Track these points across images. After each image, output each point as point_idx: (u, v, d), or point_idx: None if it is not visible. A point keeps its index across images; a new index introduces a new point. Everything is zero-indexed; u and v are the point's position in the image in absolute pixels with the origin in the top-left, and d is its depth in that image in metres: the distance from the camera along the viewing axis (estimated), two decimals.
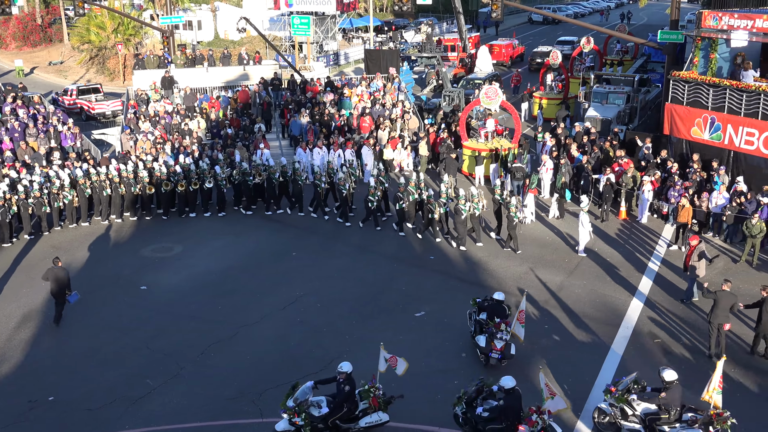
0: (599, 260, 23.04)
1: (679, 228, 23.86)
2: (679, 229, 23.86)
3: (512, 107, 31.85)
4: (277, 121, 35.65)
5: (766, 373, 16.99)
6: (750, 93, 25.53)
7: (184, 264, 23.47)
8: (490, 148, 30.08)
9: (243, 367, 17.50)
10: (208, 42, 61.29)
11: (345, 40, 67.67)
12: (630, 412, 14.49)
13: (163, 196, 27.10)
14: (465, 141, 30.85)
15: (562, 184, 26.48)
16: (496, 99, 29.91)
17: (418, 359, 17.55)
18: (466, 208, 23.37)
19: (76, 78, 54.56)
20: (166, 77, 37.00)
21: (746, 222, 22.35)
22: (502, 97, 30.18)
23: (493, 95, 29.88)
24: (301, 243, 24.84)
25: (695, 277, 20.13)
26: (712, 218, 24.32)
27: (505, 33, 70.86)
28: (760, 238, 22.24)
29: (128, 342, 18.73)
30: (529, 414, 13.71)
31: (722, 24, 26.75)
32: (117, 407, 16.05)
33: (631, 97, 34.95)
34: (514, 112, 31.67)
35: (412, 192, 24.60)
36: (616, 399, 14.52)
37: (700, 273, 20.12)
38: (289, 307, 20.37)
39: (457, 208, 23.33)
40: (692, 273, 20.18)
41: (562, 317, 19.48)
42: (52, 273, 19.54)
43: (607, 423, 14.83)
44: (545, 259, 23.15)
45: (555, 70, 40.48)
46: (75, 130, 32.70)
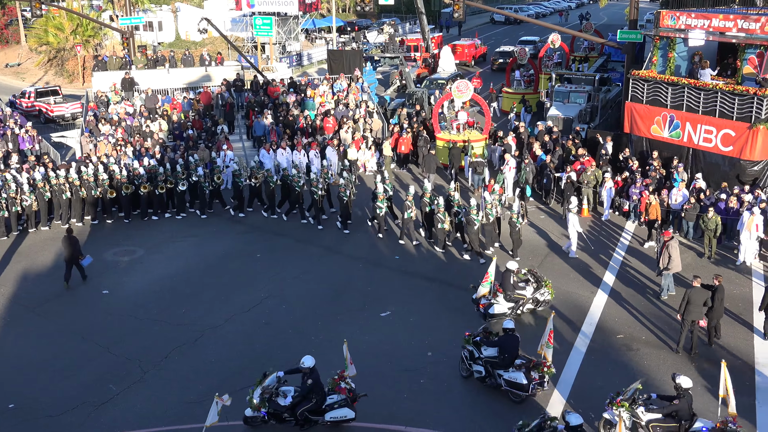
0: (563, 257, 23.24)
1: (650, 225, 24.00)
2: (650, 226, 24.01)
3: (483, 100, 32.44)
4: (241, 123, 35.44)
5: None
6: (707, 91, 25.97)
7: (147, 267, 23.21)
8: (462, 139, 30.83)
9: (207, 370, 17.36)
10: (169, 43, 60.69)
11: (308, 40, 67.47)
12: (477, 354, 15.14)
13: (125, 199, 26.74)
14: (438, 133, 31.68)
15: (524, 181, 26.70)
16: (467, 92, 31.06)
17: (383, 359, 17.59)
18: (479, 218, 22.68)
19: (34, 80, 53.69)
20: (127, 79, 36.57)
21: (703, 216, 22.76)
22: (473, 91, 31.29)
23: (465, 89, 31.10)
24: (265, 245, 24.71)
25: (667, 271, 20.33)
26: (672, 215, 24.68)
27: (467, 33, 71.22)
28: (717, 232, 22.63)
29: (90, 347, 18.46)
30: None
31: (680, 23, 27.18)
32: (79, 413, 15.82)
33: (592, 96, 35.38)
34: (484, 105, 32.11)
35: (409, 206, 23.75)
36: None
37: (675, 267, 20.26)
38: (253, 309, 20.25)
39: (469, 219, 22.69)
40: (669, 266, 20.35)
41: (526, 314, 19.58)
42: (66, 241, 21.60)
43: None
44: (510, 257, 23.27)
45: (523, 65, 41.51)
46: (33, 132, 32.17)
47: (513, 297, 19.09)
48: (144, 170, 27.12)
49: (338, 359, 17.50)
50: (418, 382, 16.64)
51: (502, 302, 19.03)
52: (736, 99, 25.14)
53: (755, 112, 24.66)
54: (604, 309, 20.00)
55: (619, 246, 24.08)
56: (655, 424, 14.22)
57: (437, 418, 15.46)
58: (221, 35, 44.32)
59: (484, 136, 31.20)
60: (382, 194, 24.56)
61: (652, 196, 23.86)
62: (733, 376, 16.68)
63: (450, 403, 15.97)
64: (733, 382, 14.64)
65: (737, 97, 25.14)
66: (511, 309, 19.10)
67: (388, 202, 24.95)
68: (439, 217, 23.05)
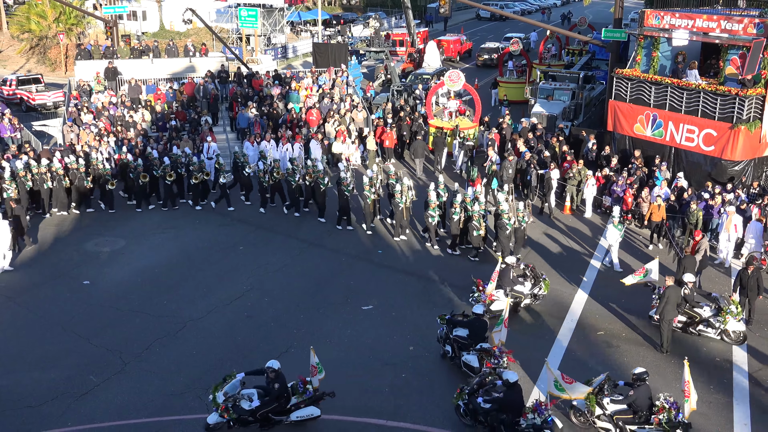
0: (545, 254, 23.36)
1: (654, 227, 23.96)
2: (654, 228, 23.98)
3: (473, 90, 32.83)
4: (224, 114, 35.29)
5: None
6: (690, 91, 26.18)
7: (129, 258, 23.09)
8: (453, 126, 31.67)
9: (188, 362, 17.31)
10: (153, 33, 60.22)
11: (293, 33, 67.24)
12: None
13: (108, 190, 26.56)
14: (431, 119, 32.53)
15: (492, 172, 27.10)
16: (458, 81, 31.96)
17: (365, 352, 17.62)
18: (511, 223, 22.27)
19: (16, 68, 53.10)
20: (110, 68, 36.28)
21: (687, 210, 23.02)
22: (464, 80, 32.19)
23: (456, 78, 32.02)
24: (248, 237, 24.65)
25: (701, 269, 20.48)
26: None
27: (453, 29, 71.25)
28: (698, 225, 22.84)
29: (71, 338, 18.35)
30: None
31: (664, 23, 27.36)
32: (59, 404, 15.72)
33: (576, 93, 35.57)
34: (475, 94, 32.49)
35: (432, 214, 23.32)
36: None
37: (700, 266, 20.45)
38: (235, 302, 20.21)
39: (501, 223, 22.28)
40: (699, 266, 20.47)
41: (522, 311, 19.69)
42: None
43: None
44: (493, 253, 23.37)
45: (516, 56, 43.24)
46: (14, 121, 31.86)
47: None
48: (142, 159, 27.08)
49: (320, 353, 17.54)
50: (400, 376, 16.69)
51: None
52: (719, 99, 25.36)
53: (737, 112, 24.89)
54: (585, 306, 20.14)
55: (600, 243, 24.23)
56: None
57: (418, 413, 15.51)
58: (206, 26, 44.08)
59: (475, 124, 31.98)
60: (435, 202, 23.35)
61: (659, 198, 23.79)
62: (710, 374, 16.94)
63: (431, 397, 16.02)
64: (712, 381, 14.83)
65: (719, 97, 25.35)
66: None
67: (440, 210, 23.65)
68: (475, 224, 22.52)
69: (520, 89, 40.34)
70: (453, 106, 32.39)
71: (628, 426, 14.34)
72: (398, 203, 23.87)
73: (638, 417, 14.29)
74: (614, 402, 14.60)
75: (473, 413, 14.64)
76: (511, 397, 14.11)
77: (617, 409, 14.52)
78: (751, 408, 15.81)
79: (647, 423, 14.28)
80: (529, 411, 14.02)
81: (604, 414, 14.59)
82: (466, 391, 14.86)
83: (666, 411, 14.15)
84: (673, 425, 14.03)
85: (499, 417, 14.08)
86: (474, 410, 14.56)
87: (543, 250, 23.61)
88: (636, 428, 14.31)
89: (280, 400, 14.62)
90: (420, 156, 30.42)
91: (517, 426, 13.96)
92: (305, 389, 14.90)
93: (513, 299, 19.14)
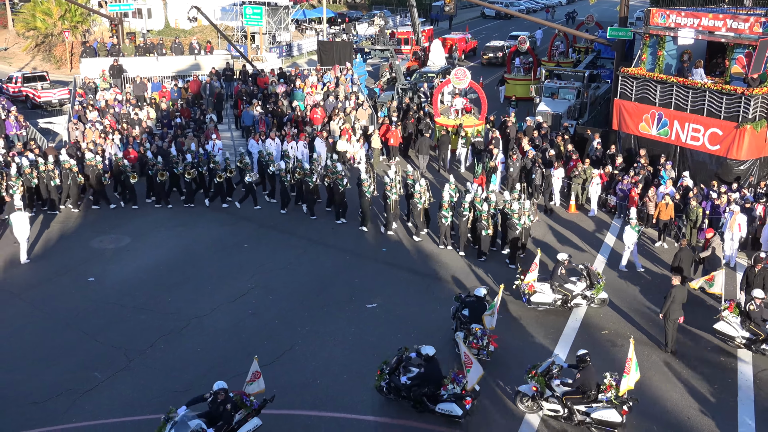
0: (549, 253, 23.30)
1: (662, 226, 23.90)
2: (662, 227, 23.93)
3: (479, 88, 32.83)
4: (229, 112, 35.31)
5: None
6: (696, 90, 26.12)
7: (133, 255, 23.13)
8: (458, 123, 31.72)
9: (193, 359, 17.34)
10: (158, 31, 60.31)
11: (298, 31, 67.26)
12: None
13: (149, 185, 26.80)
14: (437, 117, 32.51)
15: (490, 168, 27.24)
16: (465, 79, 31.92)
17: (369, 351, 17.62)
18: (521, 223, 22.23)
19: (22, 65, 53.24)
20: (115, 66, 36.34)
21: (687, 207, 23.10)
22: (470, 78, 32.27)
23: (462, 76, 31.94)
24: (253, 235, 24.66)
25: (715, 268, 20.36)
26: None
27: (458, 27, 71.17)
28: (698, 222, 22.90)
29: (75, 334, 18.40)
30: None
31: (670, 22, 27.30)
32: (64, 400, 15.77)
33: (581, 92, 35.53)
34: (481, 92, 32.48)
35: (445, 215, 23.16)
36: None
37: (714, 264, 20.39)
38: (240, 299, 20.23)
39: (511, 223, 22.22)
40: (712, 265, 20.43)
41: (512, 308, 19.68)
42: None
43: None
44: (497, 252, 23.33)
45: (523, 54, 43.51)
46: (20, 118, 31.93)
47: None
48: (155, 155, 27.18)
49: (324, 351, 17.60)
50: None
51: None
52: (724, 98, 25.30)
53: (742, 111, 24.83)
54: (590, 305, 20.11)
55: (604, 243, 24.20)
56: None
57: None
58: (211, 24, 44.06)
59: (481, 122, 32.02)
60: (447, 202, 23.09)
61: (668, 196, 23.72)
62: (714, 374, 16.90)
63: None
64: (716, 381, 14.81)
65: (725, 96, 25.29)
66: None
67: (453, 210, 23.38)
68: (484, 224, 22.41)
69: (527, 86, 40.79)
70: (459, 104, 32.41)
71: (576, 406, 14.75)
72: (417, 203, 23.80)
73: (586, 397, 14.69)
74: (563, 384, 15.05)
75: (396, 390, 15.27)
76: (430, 370, 14.98)
77: (566, 390, 14.94)
78: (755, 408, 15.78)
79: (595, 402, 14.64)
80: (448, 382, 14.91)
81: (554, 395, 14.97)
82: (386, 371, 15.42)
83: (613, 388, 14.66)
84: (621, 401, 14.51)
85: (421, 391, 14.97)
86: (396, 388, 15.21)
87: (547, 249, 23.56)
88: (584, 408, 14.70)
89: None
90: (424, 153, 30.53)
91: (439, 397, 14.88)
92: (250, 401, 14.49)
93: (562, 296, 19.30)
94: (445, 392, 14.89)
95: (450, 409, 14.85)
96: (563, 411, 14.92)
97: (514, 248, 22.33)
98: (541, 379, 15.14)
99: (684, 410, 15.65)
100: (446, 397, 14.86)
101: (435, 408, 14.99)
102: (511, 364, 17.03)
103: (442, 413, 14.96)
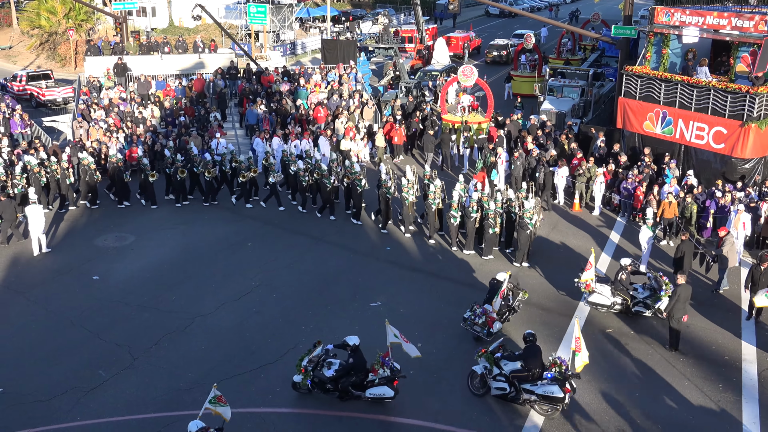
0: (553, 251, 23.32)
1: (666, 224, 23.87)
2: (666, 225, 23.89)
3: (486, 85, 32.86)
4: (234, 111, 35.33)
5: None
6: (700, 88, 26.06)
7: (138, 254, 23.16)
8: (465, 120, 31.82)
9: (197, 357, 17.36)
10: (163, 29, 60.36)
11: (302, 29, 67.23)
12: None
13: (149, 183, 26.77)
14: (444, 114, 32.62)
15: (491, 162, 27.34)
16: (472, 76, 31.94)
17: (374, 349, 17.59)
18: (532, 223, 22.06)
19: (26, 64, 53.34)
20: (119, 64, 36.38)
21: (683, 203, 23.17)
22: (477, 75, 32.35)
23: (470, 73, 32.01)
24: (256, 233, 24.69)
25: (725, 267, 20.45)
26: None
27: (462, 25, 71.13)
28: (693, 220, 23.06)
29: (80, 333, 18.43)
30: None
31: (674, 20, 27.25)
32: (68, 398, 15.81)
33: (585, 90, 35.49)
34: (487, 89, 32.49)
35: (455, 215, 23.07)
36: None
37: (732, 263, 20.43)
38: (244, 298, 20.25)
39: (523, 222, 22.00)
40: (723, 263, 20.45)
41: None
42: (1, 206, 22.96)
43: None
44: (501, 250, 23.31)
45: (529, 51, 44.03)
46: (25, 116, 31.99)
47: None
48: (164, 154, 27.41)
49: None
50: (408, 373, 16.67)
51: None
52: (729, 97, 25.25)
53: (747, 110, 24.78)
54: None
55: (609, 241, 24.18)
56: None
57: (426, 410, 15.52)
58: (215, 22, 44.09)
59: (487, 119, 32.11)
60: (457, 202, 23.04)
61: (671, 195, 23.69)
62: (719, 373, 16.88)
63: (439, 394, 16.04)
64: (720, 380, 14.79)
65: (730, 94, 25.24)
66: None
67: (462, 210, 23.18)
68: (491, 222, 22.40)
69: (533, 83, 40.81)
70: (466, 101, 32.42)
71: (522, 384, 15.18)
72: (431, 204, 23.76)
73: (531, 375, 15.14)
74: (510, 361, 15.56)
75: (320, 385, 15.46)
76: (357, 359, 15.26)
77: (513, 368, 15.41)
78: (760, 407, 15.76)
79: (540, 379, 15.07)
80: (378, 367, 15.28)
81: (501, 373, 15.41)
82: (309, 369, 15.55)
83: (557, 366, 15.11)
84: (564, 377, 14.94)
85: (350, 381, 15.28)
86: (321, 382, 15.41)
87: (551, 247, 23.57)
88: (529, 386, 15.10)
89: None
90: (430, 151, 30.59)
91: (370, 383, 15.25)
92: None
93: (622, 300, 19.10)
94: (376, 377, 15.23)
95: (382, 392, 15.24)
96: (509, 389, 15.32)
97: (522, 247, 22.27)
98: (490, 357, 15.63)
99: (688, 409, 15.63)
100: (377, 382, 15.20)
101: (364, 394, 15.29)
102: None
103: (373, 398, 15.29)
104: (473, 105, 33.11)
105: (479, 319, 17.72)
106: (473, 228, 23.00)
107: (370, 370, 15.38)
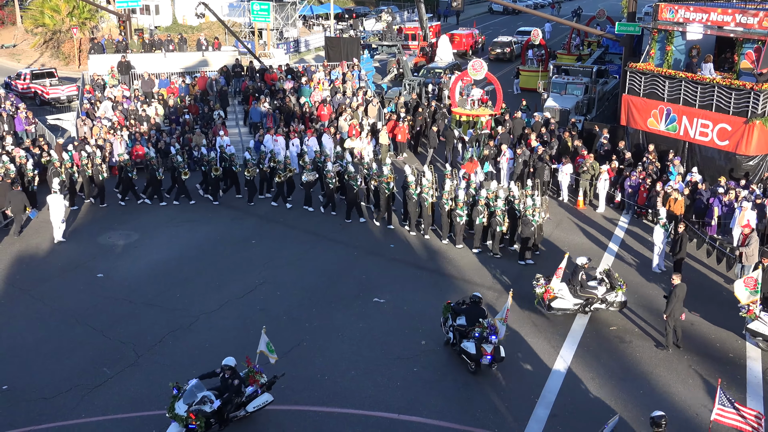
0: (557, 249, 23.29)
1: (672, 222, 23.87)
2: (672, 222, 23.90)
3: (495, 79, 32.81)
4: (237, 109, 35.35)
5: None
6: (705, 85, 26.01)
7: (142, 251, 23.20)
8: (475, 113, 31.68)
9: (201, 355, 17.37)
10: (166, 27, 60.38)
11: (305, 27, 67.21)
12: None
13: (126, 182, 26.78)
14: (455, 107, 32.62)
15: (484, 156, 27.39)
16: (481, 71, 32.08)
17: (377, 346, 17.65)
18: (536, 218, 22.09)
19: (30, 62, 53.38)
20: (123, 62, 36.41)
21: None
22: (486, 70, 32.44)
23: (479, 67, 32.16)
24: (260, 231, 24.71)
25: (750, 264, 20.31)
26: None
27: (465, 23, 71.07)
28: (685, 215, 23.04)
29: (84, 330, 18.47)
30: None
31: (678, 17, 27.17)
32: (73, 396, 15.84)
33: (589, 87, 35.45)
34: (496, 83, 32.48)
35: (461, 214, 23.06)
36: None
37: (752, 260, 20.30)
38: (248, 295, 20.27)
39: (526, 220, 21.97)
40: (747, 261, 20.37)
41: (521, 304, 19.62)
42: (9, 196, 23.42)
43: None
44: (504, 249, 23.29)
45: (536, 46, 44.49)
46: (29, 114, 32.04)
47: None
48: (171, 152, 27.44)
49: (332, 347, 17.60)
50: (412, 370, 16.72)
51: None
52: (733, 93, 25.19)
53: (752, 107, 24.72)
54: None
55: (613, 238, 24.16)
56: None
57: (430, 407, 15.53)
58: (218, 20, 44.09)
59: (496, 113, 32.21)
60: (462, 201, 23.01)
61: (676, 192, 23.61)
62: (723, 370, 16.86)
63: (443, 391, 16.04)
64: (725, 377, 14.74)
65: (734, 91, 25.18)
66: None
67: (468, 209, 23.20)
68: (498, 220, 22.35)
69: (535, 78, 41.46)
70: (477, 94, 32.39)
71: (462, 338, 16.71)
72: (444, 204, 23.66)
73: (467, 331, 16.62)
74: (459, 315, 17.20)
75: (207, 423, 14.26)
76: (227, 382, 14.60)
77: (461, 322, 17.00)
78: (764, 404, 15.75)
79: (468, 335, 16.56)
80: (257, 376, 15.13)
81: (452, 324, 17.14)
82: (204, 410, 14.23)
83: (482, 327, 16.39)
84: (482, 339, 16.28)
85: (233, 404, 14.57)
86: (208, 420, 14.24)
87: (556, 245, 23.55)
88: (464, 341, 16.60)
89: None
90: (434, 146, 30.63)
91: (251, 397, 14.90)
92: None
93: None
94: (257, 387, 14.99)
95: (264, 400, 14.99)
96: (453, 339, 17.06)
97: (525, 245, 22.28)
98: (448, 308, 17.49)
99: (692, 407, 15.62)
100: (259, 393, 14.97)
101: (248, 410, 14.84)
102: (517, 361, 17.03)
103: (256, 410, 14.90)
104: (483, 99, 33.09)
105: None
106: (481, 226, 22.94)
107: (247, 384, 14.93)
